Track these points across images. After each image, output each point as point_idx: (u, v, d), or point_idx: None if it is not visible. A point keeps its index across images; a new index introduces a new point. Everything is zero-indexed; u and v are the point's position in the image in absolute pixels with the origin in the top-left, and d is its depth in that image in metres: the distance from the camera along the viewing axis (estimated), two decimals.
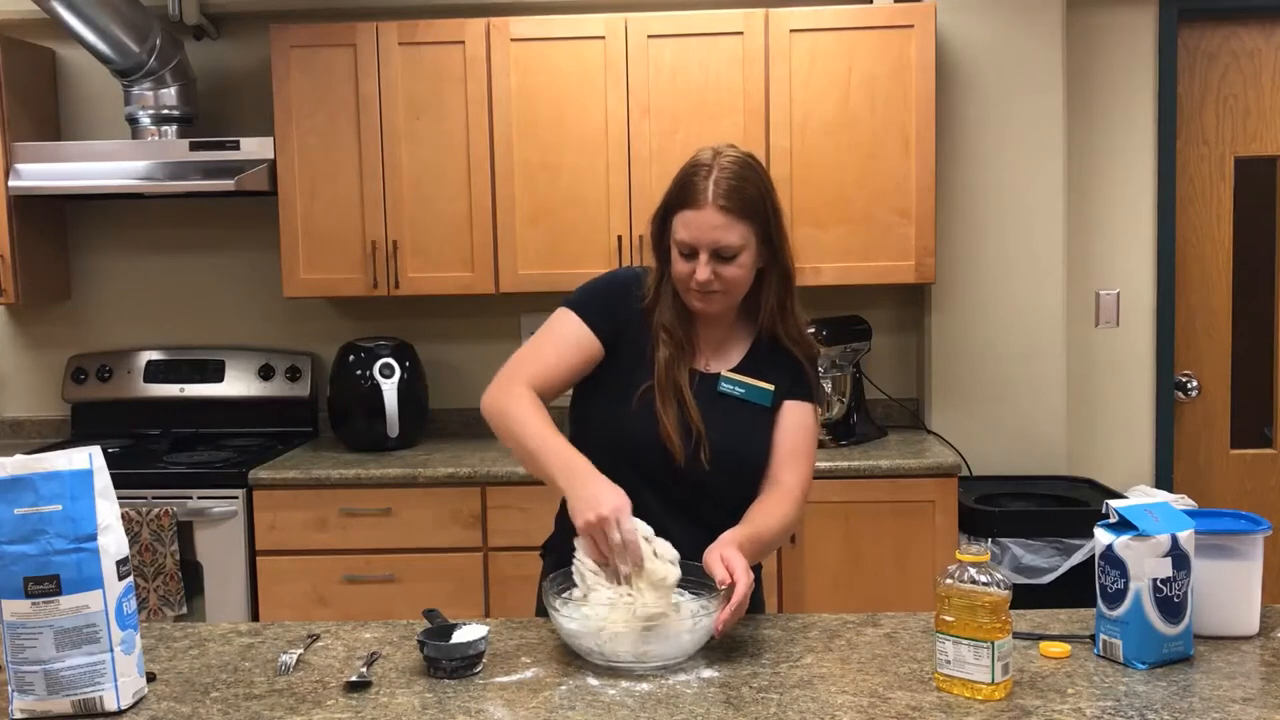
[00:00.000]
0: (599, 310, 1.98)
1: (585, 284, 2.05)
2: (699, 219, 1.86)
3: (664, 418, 1.91)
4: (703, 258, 1.87)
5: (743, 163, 1.90)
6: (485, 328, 4.00)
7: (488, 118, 3.59)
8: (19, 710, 1.54)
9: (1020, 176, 3.71)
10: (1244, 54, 3.90)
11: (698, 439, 1.92)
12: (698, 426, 1.92)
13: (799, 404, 2.01)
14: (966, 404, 3.78)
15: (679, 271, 1.92)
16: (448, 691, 1.61)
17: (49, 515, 1.52)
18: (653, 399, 1.92)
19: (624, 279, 2.04)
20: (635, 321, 1.98)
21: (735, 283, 1.92)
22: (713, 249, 1.87)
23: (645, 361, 1.95)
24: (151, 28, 3.59)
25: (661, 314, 1.97)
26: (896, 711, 1.51)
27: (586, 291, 2.03)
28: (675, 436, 1.90)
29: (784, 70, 3.52)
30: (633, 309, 1.99)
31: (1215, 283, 3.96)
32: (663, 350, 1.94)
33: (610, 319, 1.98)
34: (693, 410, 1.93)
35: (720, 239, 1.86)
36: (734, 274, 1.90)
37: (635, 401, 1.93)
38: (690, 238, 1.88)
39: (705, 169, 1.88)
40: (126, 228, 4.06)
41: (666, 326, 1.96)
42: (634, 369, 1.95)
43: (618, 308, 1.99)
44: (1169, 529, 1.66)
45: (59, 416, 4.09)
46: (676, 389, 1.93)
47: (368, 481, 3.40)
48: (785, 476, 1.96)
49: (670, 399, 1.92)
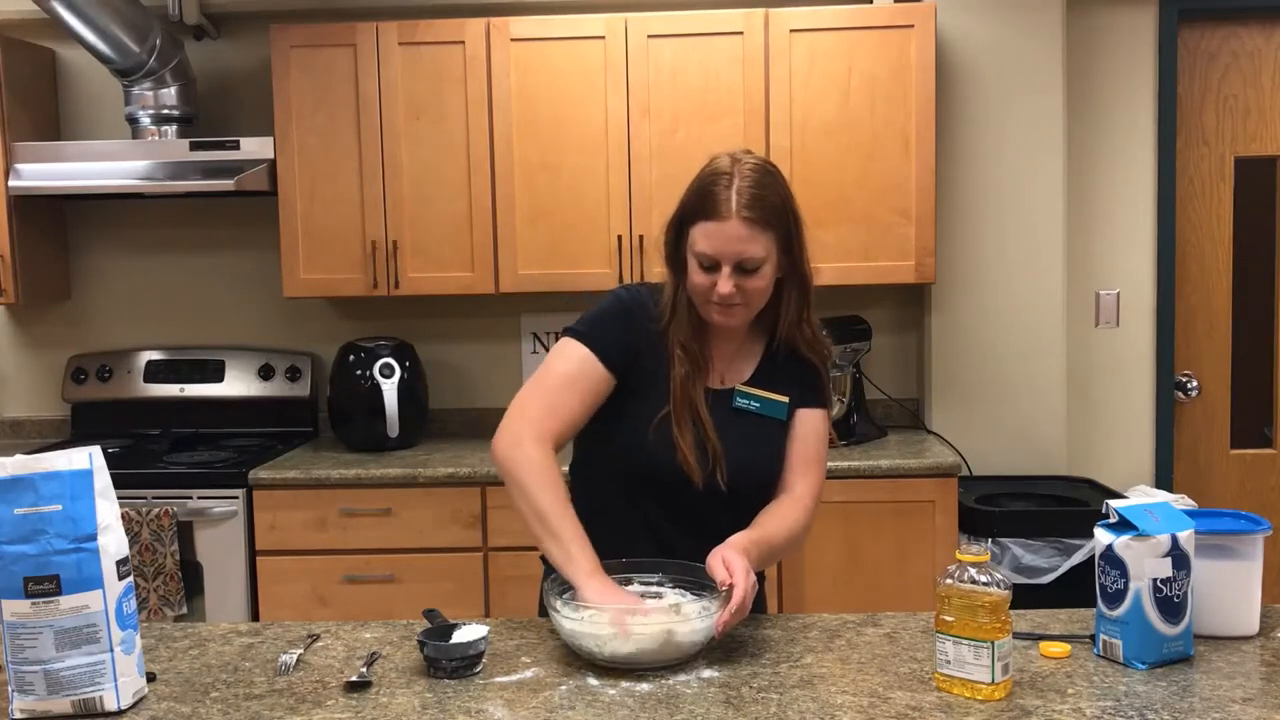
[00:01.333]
0: (610, 341, 1.89)
1: (592, 311, 1.95)
2: (722, 231, 1.78)
3: (681, 442, 1.85)
4: (725, 271, 1.80)
5: (763, 170, 1.84)
6: (485, 328, 3.99)
7: (488, 118, 3.59)
8: (19, 710, 1.54)
9: (1020, 176, 3.71)
10: (1244, 54, 3.90)
11: (714, 459, 1.87)
12: (715, 447, 1.87)
13: (812, 411, 1.98)
14: (966, 404, 3.78)
15: (698, 284, 1.84)
16: (448, 691, 1.61)
17: (49, 515, 1.52)
18: (669, 424, 1.86)
19: (631, 303, 1.94)
20: (649, 346, 1.90)
21: (757, 294, 1.85)
22: (736, 261, 1.79)
23: (660, 386, 1.88)
24: (151, 28, 3.59)
25: (677, 330, 1.89)
26: (896, 711, 1.51)
27: (596, 323, 1.92)
28: (693, 460, 1.85)
29: (784, 70, 3.53)
30: (646, 333, 1.90)
31: (1215, 283, 3.96)
32: (679, 368, 1.87)
33: (622, 349, 1.89)
34: (710, 430, 1.87)
35: (745, 251, 1.79)
36: (757, 285, 1.83)
37: (652, 431, 1.86)
38: (713, 250, 1.79)
39: (726, 177, 1.80)
40: (126, 228, 4.06)
41: (683, 344, 1.88)
42: (649, 395, 1.88)
43: (629, 335, 1.90)
44: (1169, 529, 1.66)
45: (59, 416, 4.09)
46: (693, 409, 1.87)
47: (368, 481, 3.40)
48: (797, 484, 1.94)
49: (687, 421, 1.87)
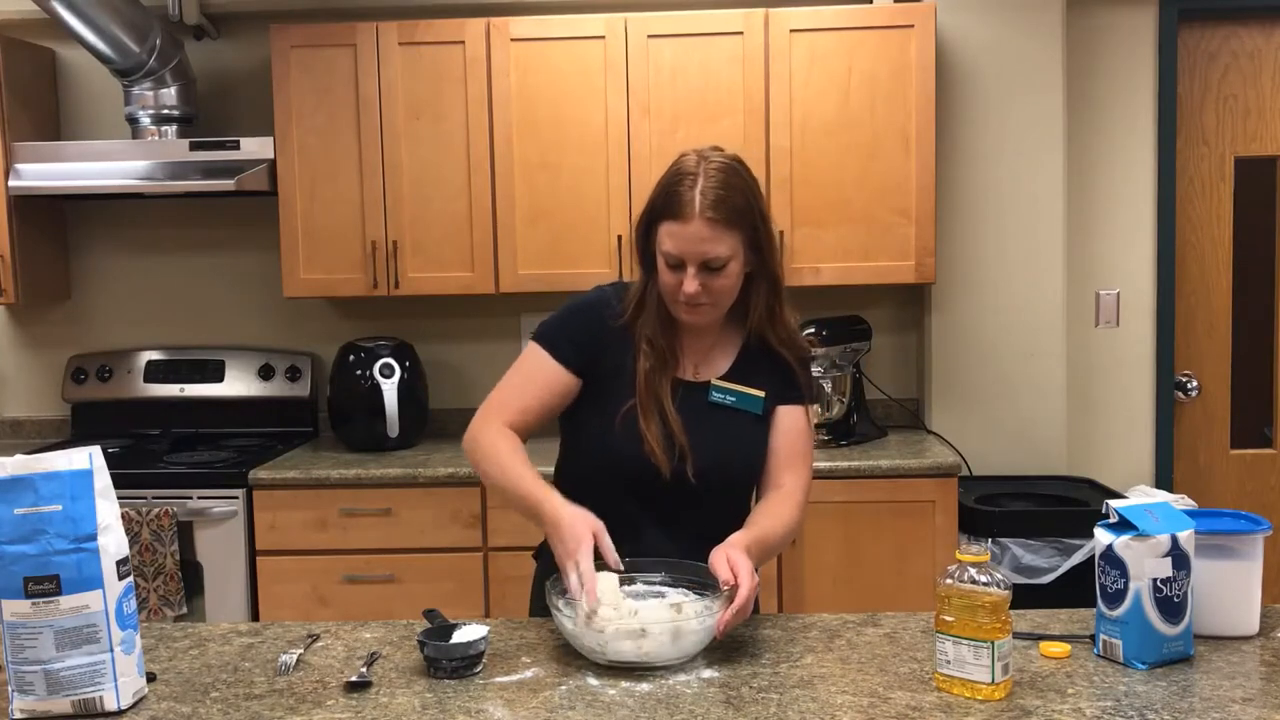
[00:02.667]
0: (567, 343, 1.94)
1: (553, 314, 2.00)
2: (686, 232, 1.81)
3: (647, 434, 1.88)
4: (690, 270, 1.83)
5: (729, 169, 1.84)
6: (485, 328, 4.00)
7: (488, 118, 3.59)
8: (19, 710, 1.54)
9: (1020, 176, 3.71)
10: (1244, 54, 3.90)
11: (681, 452, 1.90)
12: (680, 439, 1.90)
13: (792, 408, 1.99)
14: (966, 404, 3.78)
15: (666, 283, 1.88)
16: (448, 691, 1.61)
17: (49, 515, 1.52)
18: (635, 417, 1.89)
19: (590, 304, 1.98)
20: (611, 342, 1.94)
21: (723, 293, 1.88)
22: (701, 261, 1.82)
23: (626, 379, 1.92)
24: (151, 28, 3.59)
25: (645, 324, 1.92)
26: (896, 711, 1.51)
27: (554, 324, 1.98)
28: (659, 451, 1.88)
29: (784, 70, 3.52)
30: (604, 331, 1.94)
31: (1215, 283, 3.96)
32: (643, 362, 1.91)
33: (579, 349, 1.94)
34: (675, 423, 1.90)
35: (708, 251, 1.82)
36: (722, 284, 1.86)
37: (619, 420, 1.90)
38: (678, 250, 1.83)
39: (691, 178, 1.82)
40: (126, 228, 4.06)
41: (649, 338, 1.92)
42: (617, 388, 1.92)
43: (585, 336, 1.95)
44: (1169, 529, 1.66)
45: (59, 416, 4.09)
46: (658, 402, 1.90)
47: (368, 481, 3.40)
48: (786, 480, 1.96)
49: (652, 413, 1.90)
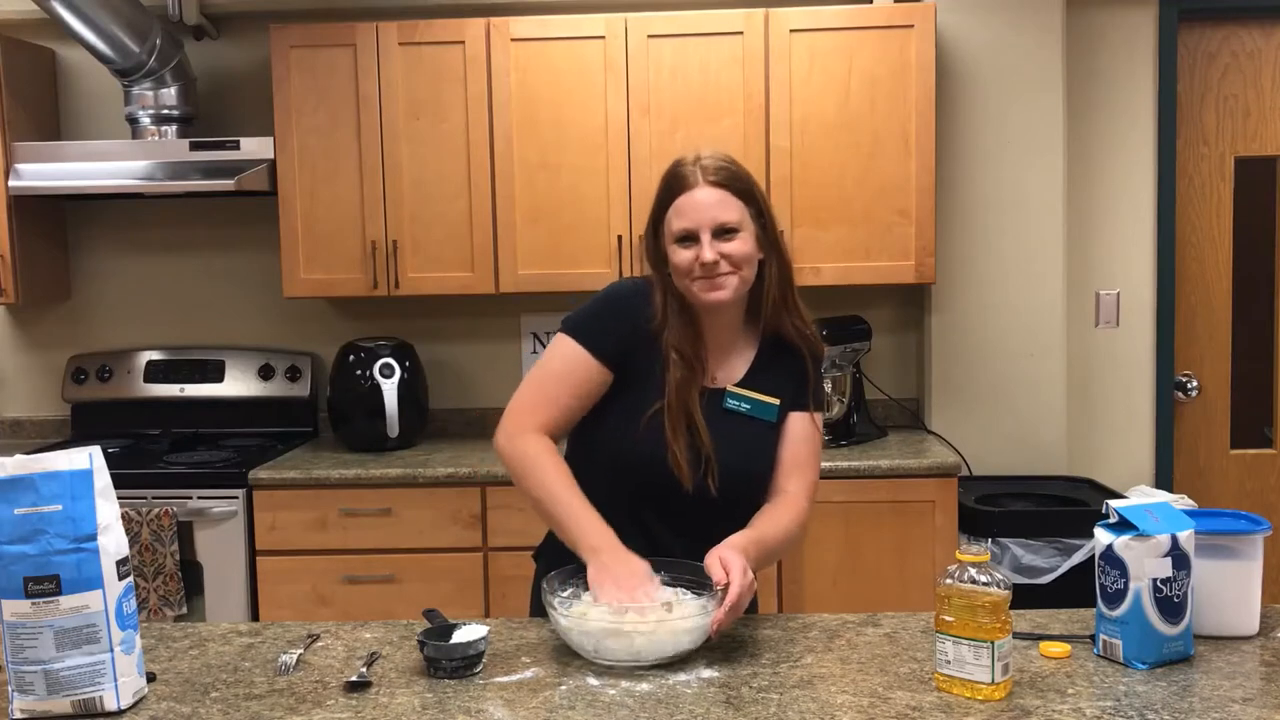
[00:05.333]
0: (603, 334, 1.90)
1: (585, 306, 1.96)
2: (692, 200, 1.85)
3: (674, 444, 1.85)
4: (705, 238, 1.83)
5: (725, 156, 1.91)
6: (485, 328, 3.99)
7: (488, 118, 3.59)
8: (19, 710, 1.54)
9: (1020, 176, 3.71)
10: (1244, 54, 3.90)
11: (707, 464, 1.88)
12: (708, 452, 1.87)
13: (803, 414, 1.98)
14: (966, 404, 3.78)
15: (682, 263, 1.85)
16: (448, 691, 1.61)
17: (49, 515, 1.52)
18: (661, 422, 1.86)
19: (625, 295, 1.95)
20: (643, 340, 1.90)
21: (743, 259, 1.86)
22: (713, 227, 1.83)
23: (653, 381, 1.88)
24: (151, 28, 3.59)
25: (671, 334, 1.89)
26: (896, 711, 1.51)
27: (588, 314, 1.94)
28: (684, 464, 1.86)
29: (784, 70, 3.52)
30: (640, 326, 1.90)
31: (1215, 283, 3.96)
32: (675, 372, 1.87)
33: (617, 342, 1.90)
34: (704, 434, 1.88)
35: (719, 215, 1.84)
36: (739, 248, 1.85)
37: (643, 424, 1.87)
38: (689, 221, 1.85)
39: (689, 162, 1.89)
40: (126, 228, 4.06)
41: (678, 347, 1.88)
42: (641, 389, 1.89)
43: (623, 328, 1.91)
44: (1169, 529, 1.66)
45: (59, 416, 4.09)
46: (688, 414, 1.87)
47: (368, 481, 3.40)
48: (790, 485, 1.95)
49: (681, 424, 1.86)
